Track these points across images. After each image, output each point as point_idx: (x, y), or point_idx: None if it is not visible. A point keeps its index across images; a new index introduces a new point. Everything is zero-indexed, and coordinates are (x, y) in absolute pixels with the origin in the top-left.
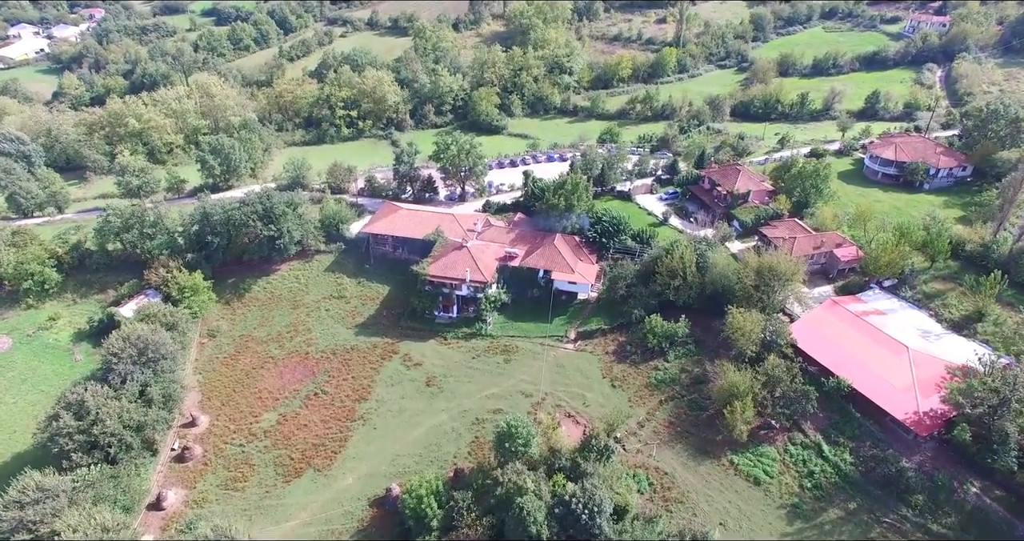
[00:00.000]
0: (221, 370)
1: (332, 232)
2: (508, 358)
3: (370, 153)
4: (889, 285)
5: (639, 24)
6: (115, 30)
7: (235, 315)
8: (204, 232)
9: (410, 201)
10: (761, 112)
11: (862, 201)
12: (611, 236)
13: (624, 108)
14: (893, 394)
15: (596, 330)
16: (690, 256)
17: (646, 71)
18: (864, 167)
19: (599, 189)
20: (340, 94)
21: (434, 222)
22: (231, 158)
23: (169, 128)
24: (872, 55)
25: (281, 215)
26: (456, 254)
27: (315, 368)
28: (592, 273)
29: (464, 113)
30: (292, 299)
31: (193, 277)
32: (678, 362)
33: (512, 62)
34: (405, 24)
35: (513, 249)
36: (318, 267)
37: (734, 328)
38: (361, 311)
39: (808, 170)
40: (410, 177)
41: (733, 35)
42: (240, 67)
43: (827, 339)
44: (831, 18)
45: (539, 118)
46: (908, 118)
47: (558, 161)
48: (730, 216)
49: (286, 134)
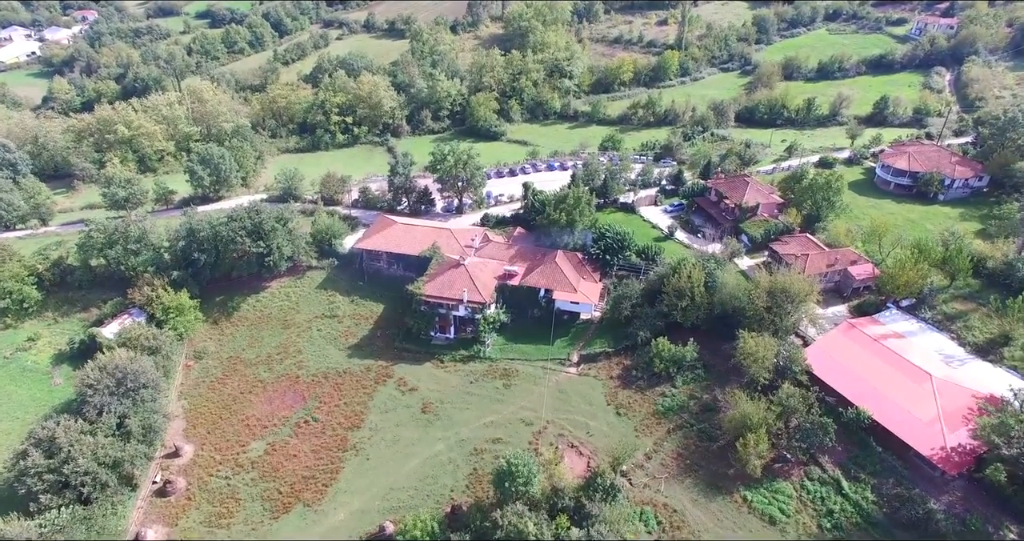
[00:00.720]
0: (208, 395)
1: (324, 247)
2: (508, 383)
3: (365, 160)
4: (907, 305)
5: (640, 26)
6: (107, 33)
7: (223, 335)
8: (190, 249)
9: (406, 213)
10: (766, 118)
11: (875, 213)
12: (615, 253)
13: (626, 113)
14: (917, 427)
15: (600, 353)
16: (698, 276)
17: (648, 75)
18: (875, 177)
19: (601, 201)
20: (335, 100)
21: (430, 237)
22: (221, 168)
23: (160, 135)
24: (878, 58)
25: (270, 231)
26: (453, 272)
27: (306, 393)
28: (595, 292)
29: (462, 119)
30: (283, 318)
31: (178, 296)
32: (686, 388)
33: (511, 66)
34: (402, 26)
35: (512, 267)
36: (310, 284)
37: (745, 354)
38: (354, 331)
39: (819, 182)
40: (406, 189)
41: (736, 37)
42: (234, 71)
43: (844, 366)
44: (835, 20)
45: (539, 123)
46: (918, 124)
47: (559, 170)
48: (738, 230)
49: (280, 141)
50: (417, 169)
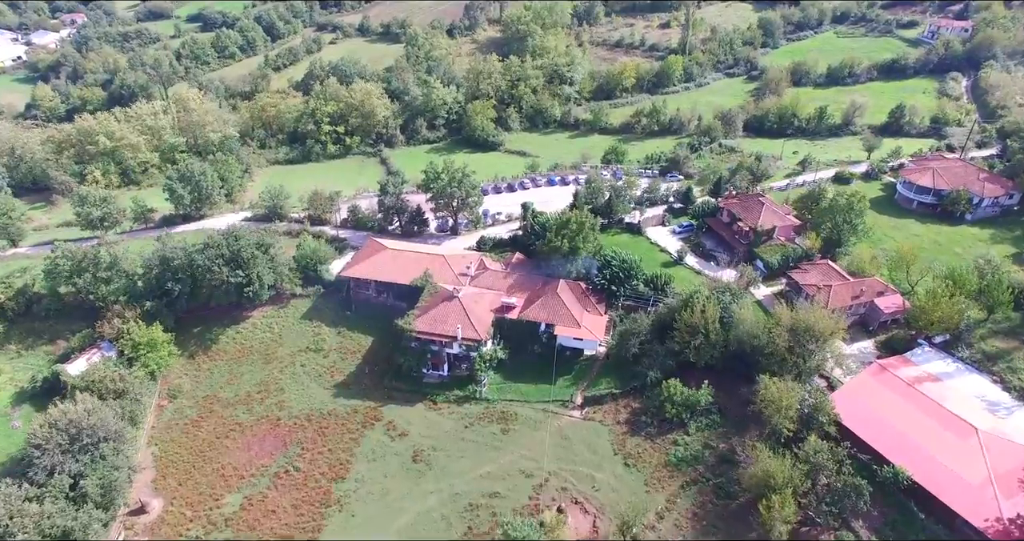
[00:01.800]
0: (180, 440)
1: (310, 273)
2: (506, 428)
3: (357, 172)
4: (941, 341)
5: (642, 29)
6: (95, 37)
7: (200, 371)
8: (164, 278)
9: (397, 233)
10: (776, 127)
11: (899, 236)
12: (621, 283)
13: (629, 122)
14: (966, 492)
15: (606, 394)
16: (713, 311)
17: (651, 80)
18: (897, 194)
19: (605, 221)
20: (326, 109)
21: (422, 264)
22: (202, 186)
23: (143, 146)
24: (890, 63)
25: (250, 259)
26: (446, 306)
27: (287, 438)
28: (600, 326)
29: (458, 128)
30: (264, 352)
31: (151, 330)
32: (700, 435)
33: (509, 72)
34: (397, 30)
35: (511, 299)
36: (294, 314)
37: (766, 401)
38: (340, 367)
39: (840, 204)
40: (397, 209)
41: (741, 41)
42: (224, 77)
43: (877, 415)
44: (843, 22)
45: (538, 132)
46: (936, 134)
47: (559, 185)
48: (752, 255)
49: (269, 151)
50: (411, 183)
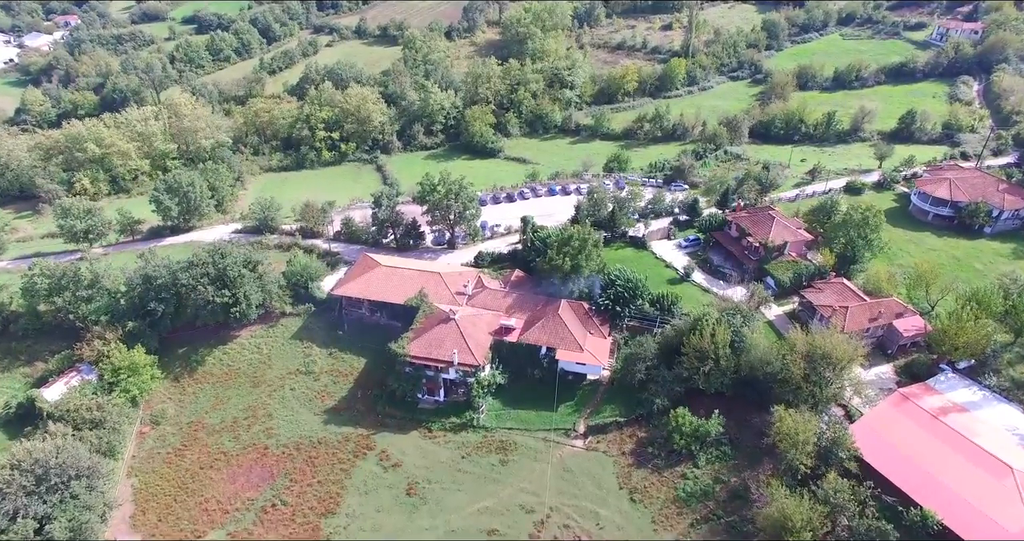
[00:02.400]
0: (162, 471)
1: (300, 291)
2: (505, 458)
3: (353, 180)
4: (965, 367)
5: (643, 31)
6: (88, 40)
7: (184, 395)
8: (147, 298)
9: (392, 247)
10: (783, 133)
11: (915, 250)
12: (626, 303)
13: (631, 127)
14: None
15: (610, 422)
16: (723, 335)
17: (653, 84)
18: (911, 205)
19: (608, 234)
20: (321, 114)
21: (417, 283)
22: (190, 197)
23: (133, 153)
24: (899, 66)
25: (237, 278)
26: (442, 328)
27: (274, 469)
28: (604, 350)
29: (456, 133)
30: (252, 375)
31: (132, 354)
32: (711, 468)
33: (508, 76)
34: (395, 33)
35: (510, 321)
36: (283, 334)
37: (782, 435)
38: (332, 391)
39: (855, 218)
40: (392, 222)
41: (745, 44)
42: (218, 81)
43: (900, 450)
44: (848, 24)
45: (538, 138)
46: (949, 141)
47: (560, 195)
48: (763, 271)
49: (262, 158)
50: (408, 193)
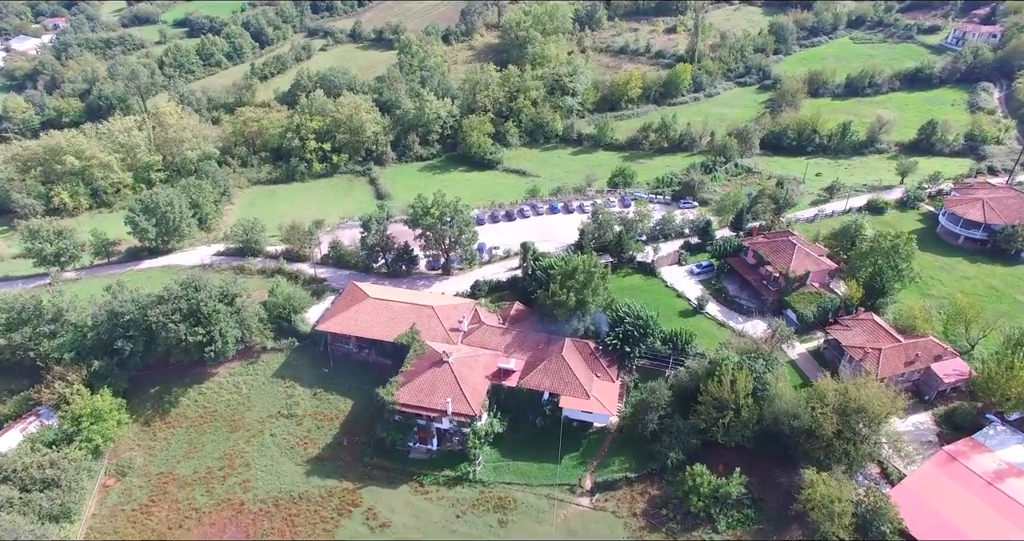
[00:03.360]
0: (126, 531)
1: (283, 324)
2: (504, 518)
3: (344, 193)
4: (1017, 418)
5: (646, 34)
6: (75, 44)
7: (155, 441)
8: (114, 335)
9: (384, 273)
10: (795, 144)
11: (947, 278)
12: (636, 342)
13: (635, 137)
14: None
15: (620, 478)
16: (745, 383)
17: (657, 90)
18: (939, 226)
19: (614, 260)
20: (311, 124)
21: (408, 317)
22: (169, 218)
23: (116, 165)
24: (914, 72)
25: (212, 314)
26: (435, 372)
27: (251, 528)
28: (612, 395)
29: (454, 143)
30: (230, 417)
31: (96, 399)
32: (733, 533)
33: (508, 83)
34: (390, 36)
35: (508, 363)
36: (264, 371)
37: (814, 503)
38: (316, 437)
39: (884, 246)
40: (382, 246)
41: (753, 48)
42: (207, 87)
43: (952, 523)
44: (859, 27)
45: (539, 148)
46: (973, 153)
47: (563, 213)
48: (783, 303)
49: (251, 170)
50: (400, 209)
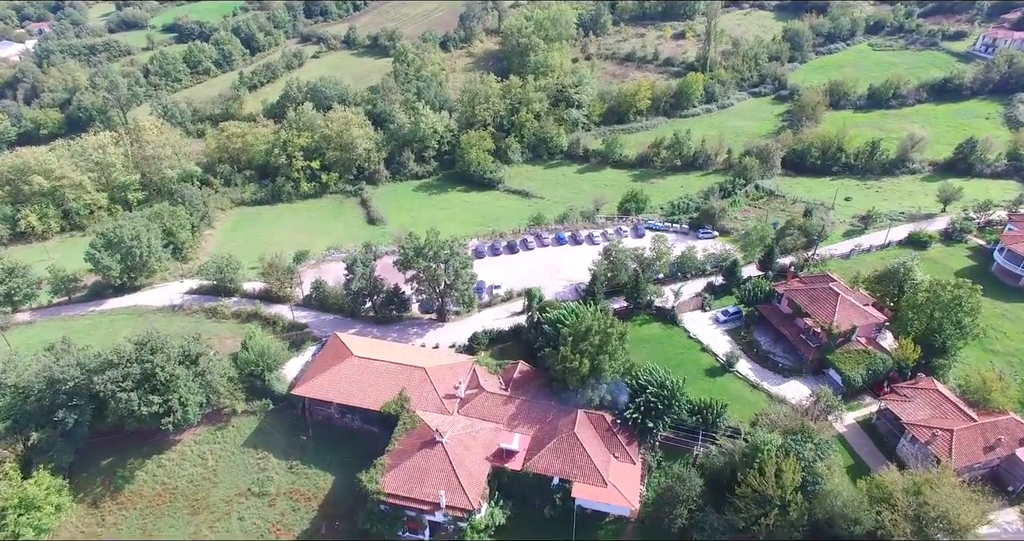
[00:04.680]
0: None
1: (257, 383)
2: None
3: (334, 216)
4: None
5: (654, 40)
6: (58, 50)
7: (103, 526)
8: (56, 403)
9: (371, 316)
10: (819, 163)
11: (1011, 328)
12: (659, 415)
13: (646, 153)
14: None
15: None
16: (792, 475)
17: (668, 101)
18: (994, 265)
19: (630, 306)
20: (298, 141)
21: (397, 381)
22: (135, 253)
23: (89, 185)
24: (942, 82)
25: (170, 380)
26: (426, 454)
27: None
28: (633, 479)
29: (451, 160)
30: (193, 496)
31: (28, 486)
32: None
33: (509, 95)
34: (386, 43)
35: (512, 442)
36: (235, 438)
37: None
38: (290, 521)
39: (943, 298)
40: (369, 290)
41: (767, 55)
42: (194, 97)
43: None
44: (877, 33)
45: (542, 165)
46: (1018, 175)
47: (570, 243)
48: (823, 361)
49: (235, 190)
50: (393, 234)
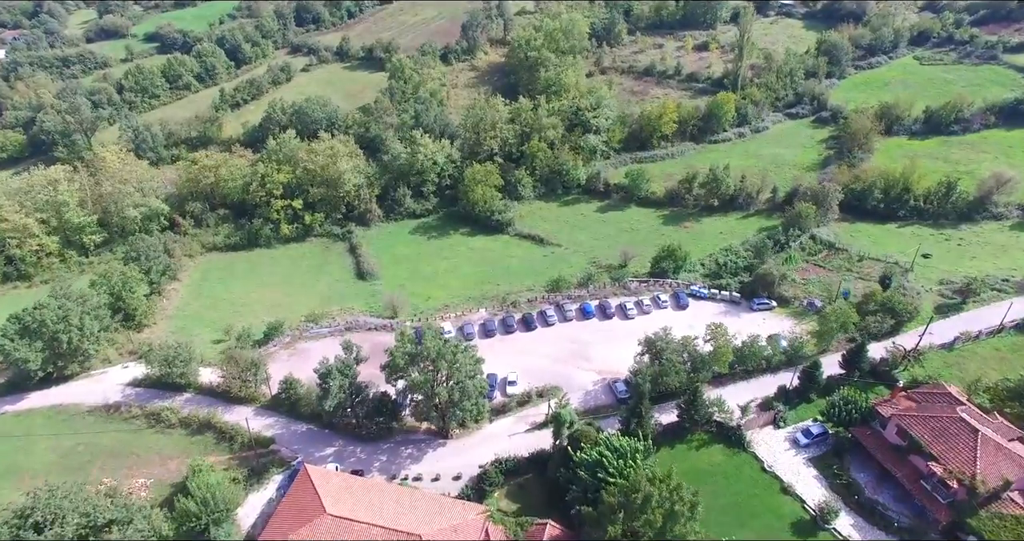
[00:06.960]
0: None
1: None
2: None
3: (318, 266)
4: None
5: (673, 51)
6: (27, 62)
7: None
8: None
9: (354, 426)
10: (882, 206)
11: None
12: None
13: (676, 190)
14: None
15: None
16: None
17: (695, 125)
18: None
19: (683, 421)
20: (278, 177)
21: None
22: (61, 339)
23: (36, 228)
24: (1013, 104)
25: None
26: None
27: None
28: None
29: (453, 196)
30: None
31: None
32: None
33: (518, 120)
34: (381, 55)
35: None
36: None
37: None
38: None
39: None
40: (351, 402)
41: (803, 72)
42: (170, 117)
43: None
44: (923, 44)
45: (557, 201)
46: None
47: (598, 317)
48: (958, 525)
49: (206, 232)
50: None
